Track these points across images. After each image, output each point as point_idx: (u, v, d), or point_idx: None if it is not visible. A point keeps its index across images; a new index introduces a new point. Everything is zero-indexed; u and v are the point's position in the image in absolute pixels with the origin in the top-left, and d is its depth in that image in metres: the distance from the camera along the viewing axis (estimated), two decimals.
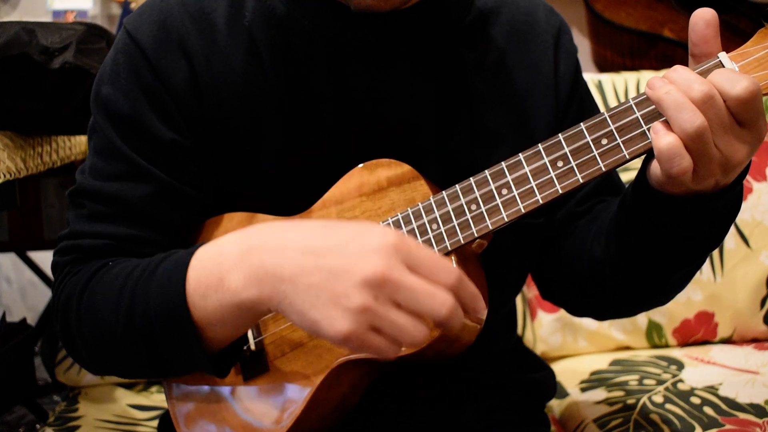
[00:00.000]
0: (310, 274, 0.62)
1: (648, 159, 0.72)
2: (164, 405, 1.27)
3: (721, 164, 0.66)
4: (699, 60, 0.69)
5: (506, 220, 0.74)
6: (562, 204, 0.93)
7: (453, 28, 0.87)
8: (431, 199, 0.77)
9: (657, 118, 0.69)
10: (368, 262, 0.60)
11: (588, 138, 0.71)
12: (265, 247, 0.66)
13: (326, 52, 0.84)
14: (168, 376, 0.86)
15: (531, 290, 1.48)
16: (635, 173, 0.75)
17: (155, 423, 1.24)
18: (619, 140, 0.70)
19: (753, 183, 1.47)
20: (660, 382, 1.25)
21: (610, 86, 1.54)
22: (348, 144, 0.85)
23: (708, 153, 0.65)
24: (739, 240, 1.44)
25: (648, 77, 1.56)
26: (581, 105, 0.94)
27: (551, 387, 1.05)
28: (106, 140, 0.83)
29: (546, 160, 0.73)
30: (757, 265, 1.44)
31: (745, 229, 1.45)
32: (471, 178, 0.76)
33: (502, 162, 0.75)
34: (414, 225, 0.77)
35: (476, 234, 0.75)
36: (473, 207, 0.75)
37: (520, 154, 0.74)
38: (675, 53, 1.91)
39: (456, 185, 0.76)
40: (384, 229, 0.63)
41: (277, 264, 0.65)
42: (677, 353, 1.41)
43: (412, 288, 0.60)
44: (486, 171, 0.75)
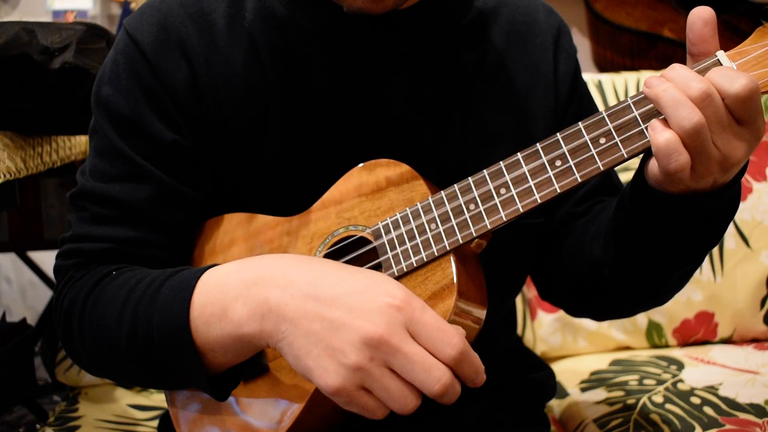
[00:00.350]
0: (312, 321, 0.63)
1: (645, 158, 0.72)
2: (164, 405, 1.27)
3: (720, 162, 0.66)
4: (697, 59, 0.69)
5: (505, 220, 0.74)
6: (562, 204, 0.93)
7: (452, 29, 0.87)
8: (430, 199, 0.77)
9: (655, 117, 0.69)
10: (369, 322, 0.61)
11: (586, 137, 0.71)
12: (272, 283, 0.67)
13: (325, 53, 0.84)
14: (167, 389, 0.86)
15: (531, 290, 1.47)
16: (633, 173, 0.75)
17: (155, 423, 1.24)
18: (617, 139, 0.70)
19: (753, 183, 1.47)
20: (660, 382, 1.25)
21: (610, 86, 1.54)
22: (347, 144, 0.85)
23: (706, 151, 0.65)
24: (739, 240, 1.44)
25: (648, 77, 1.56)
26: (581, 105, 0.94)
27: (551, 387, 1.05)
28: (107, 141, 0.83)
29: (544, 160, 0.73)
30: (757, 265, 1.44)
31: (745, 229, 1.45)
32: (469, 178, 0.76)
33: (501, 162, 0.74)
34: (413, 225, 0.77)
35: (475, 234, 0.75)
36: (472, 207, 0.75)
37: (519, 154, 0.74)
38: (675, 53, 1.91)
39: (454, 185, 0.76)
40: (393, 287, 0.63)
41: (282, 302, 0.65)
42: (677, 353, 1.41)
43: (409, 357, 0.60)
44: (484, 170, 0.75)
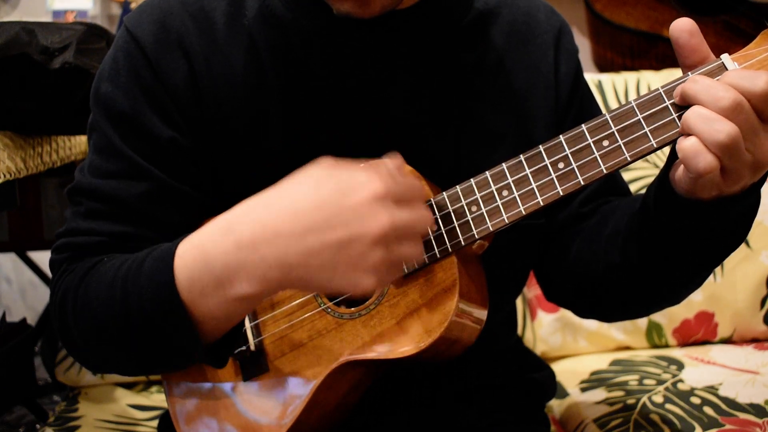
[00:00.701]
0: (319, 253, 0.64)
1: (669, 167, 0.71)
2: (164, 405, 1.27)
3: (751, 165, 0.66)
4: (693, 68, 0.69)
5: (507, 222, 0.74)
6: (565, 205, 0.92)
7: (451, 29, 0.87)
8: (432, 200, 0.77)
9: (659, 121, 0.68)
10: (370, 221, 0.64)
11: (589, 140, 0.71)
12: (257, 240, 0.66)
13: (324, 53, 0.84)
14: (166, 370, 0.85)
15: (531, 290, 1.47)
16: (635, 172, 0.74)
17: (155, 423, 1.24)
18: (621, 142, 0.70)
19: None
20: (660, 382, 1.25)
21: (610, 86, 1.54)
22: (347, 145, 0.85)
23: (740, 157, 0.65)
24: None
25: (648, 77, 1.56)
26: (582, 105, 0.93)
27: (551, 387, 1.05)
28: (105, 138, 0.83)
29: (547, 162, 0.73)
30: (757, 265, 1.44)
31: None
32: (471, 180, 0.76)
33: (503, 163, 0.74)
34: None
35: (477, 235, 0.75)
36: (474, 208, 0.75)
37: (521, 156, 0.74)
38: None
39: (456, 186, 0.76)
40: (364, 177, 0.66)
41: (280, 254, 0.65)
42: (677, 353, 1.41)
43: (410, 223, 0.67)
44: (487, 172, 0.75)
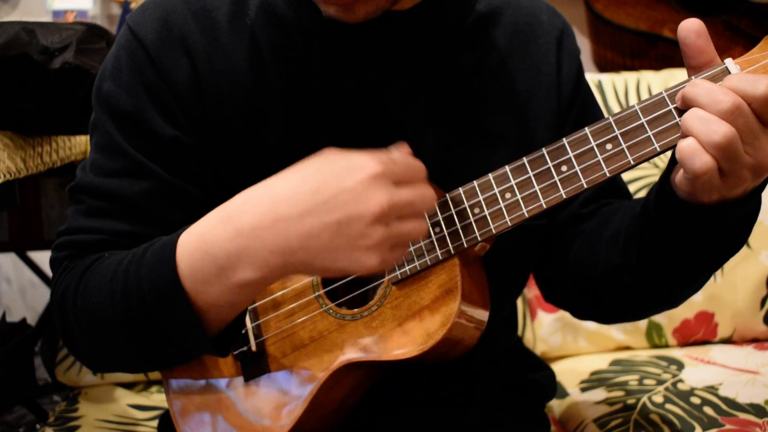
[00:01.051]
0: (319, 235, 0.65)
1: (670, 171, 0.71)
2: (164, 405, 1.27)
3: (753, 168, 0.66)
4: (698, 70, 0.69)
5: (510, 225, 0.74)
6: (565, 206, 0.92)
7: (451, 31, 0.87)
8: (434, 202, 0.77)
9: (662, 125, 0.68)
10: (368, 200, 0.65)
11: (593, 143, 0.71)
12: (258, 227, 0.67)
13: (323, 53, 0.84)
14: (168, 364, 0.85)
15: (531, 290, 1.47)
16: (636, 172, 0.74)
17: (155, 423, 1.24)
18: (624, 145, 0.70)
19: None
20: (660, 382, 1.25)
21: (610, 86, 1.54)
22: (347, 146, 0.84)
23: (740, 160, 0.65)
24: None
25: (648, 77, 1.56)
26: (584, 106, 0.93)
27: (551, 387, 1.05)
28: (108, 137, 0.83)
29: (550, 165, 0.73)
30: (757, 265, 1.44)
31: None
32: (474, 182, 0.76)
33: (506, 165, 0.74)
34: None
35: (479, 238, 0.75)
36: (476, 210, 0.75)
37: (524, 158, 0.74)
38: (675, 53, 1.91)
39: (459, 188, 0.76)
40: (362, 160, 0.67)
41: (280, 240, 0.66)
42: (677, 353, 1.41)
43: (409, 201, 0.67)
44: (489, 174, 0.75)
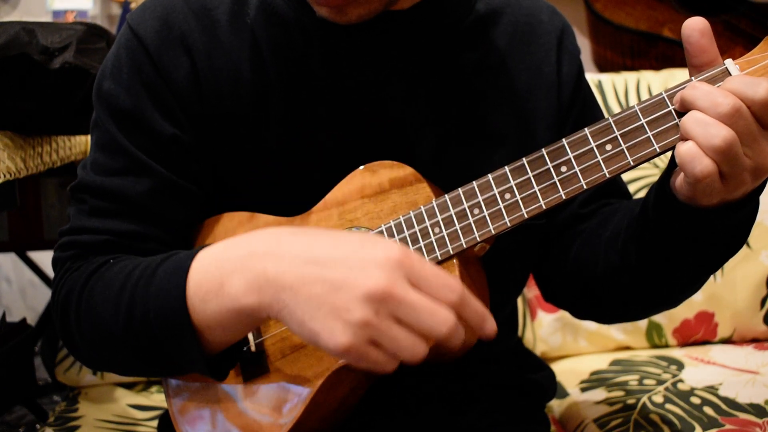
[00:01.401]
0: (312, 284, 0.62)
1: (669, 175, 0.71)
2: (164, 405, 1.27)
3: (752, 171, 0.66)
4: (701, 69, 0.69)
5: (509, 225, 0.74)
6: (565, 206, 0.92)
7: (451, 30, 0.87)
8: (434, 203, 0.77)
9: (662, 125, 0.68)
10: (371, 276, 0.60)
11: (592, 143, 0.71)
12: (268, 254, 0.66)
13: (324, 52, 0.84)
14: (166, 376, 0.86)
15: (531, 290, 1.47)
16: (635, 172, 0.74)
17: (155, 423, 1.24)
18: (624, 146, 0.70)
19: None
20: (660, 382, 1.25)
21: (610, 86, 1.54)
22: (347, 144, 0.85)
23: (739, 163, 0.65)
24: None
25: (648, 77, 1.56)
26: (584, 106, 0.93)
27: (551, 387, 1.05)
28: (108, 135, 0.83)
29: (549, 165, 0.72)
30: (757, 265, 1.44)
31: None
32: (474, 182, 0.75)
33: (506, 166, 0.74)
34: (416, 228, 0.77)
35: (479, 238, 0.75)
36: (476, 211, 0.75)
37: (524, 159, 0.74)
38: (675, 53, 1.91)
39: (459, 189, 0.76)
40: (389, 243, 0.63)
41: (280, 272, 0.64)
42: (677, 353, 1.41)
43: (414, 304, 0.60)
44: (489, 175, 0.75)
